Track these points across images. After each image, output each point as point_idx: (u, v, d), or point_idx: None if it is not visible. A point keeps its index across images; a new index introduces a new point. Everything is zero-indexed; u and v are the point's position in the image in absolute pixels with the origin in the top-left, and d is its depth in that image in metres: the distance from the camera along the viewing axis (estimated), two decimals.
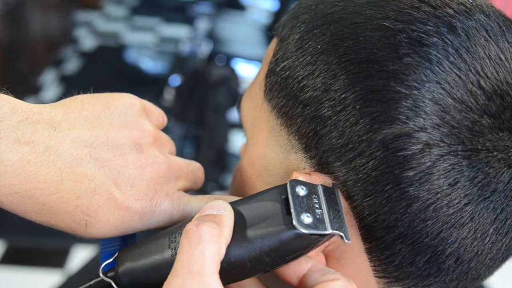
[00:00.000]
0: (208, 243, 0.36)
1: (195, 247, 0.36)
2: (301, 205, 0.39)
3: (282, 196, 0.40)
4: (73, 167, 0.42)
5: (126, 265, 0.43)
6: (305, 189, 0.40)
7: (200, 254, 0.35)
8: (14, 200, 0.41)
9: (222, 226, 0.38)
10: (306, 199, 0.39)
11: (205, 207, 0.40)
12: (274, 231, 0.38)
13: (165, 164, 0.46)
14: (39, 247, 2.38)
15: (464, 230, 0.40)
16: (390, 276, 0.43)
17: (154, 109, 0.50)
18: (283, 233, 0.38)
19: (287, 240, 0.38)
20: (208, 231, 0.37)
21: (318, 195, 0.40)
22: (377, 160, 0.39)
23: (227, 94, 2.59)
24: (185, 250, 0.36)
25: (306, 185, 0.40)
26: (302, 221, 0.38)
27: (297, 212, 0.38)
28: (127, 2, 5.47)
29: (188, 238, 0.36)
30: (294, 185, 0.40)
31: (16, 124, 0.41)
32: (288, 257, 0.39)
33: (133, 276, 0.42)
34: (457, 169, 0.39)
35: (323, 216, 0.39)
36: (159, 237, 0.43)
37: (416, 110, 0.39)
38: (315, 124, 0.42)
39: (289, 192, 0.39)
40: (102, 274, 0.44)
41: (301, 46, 0.45)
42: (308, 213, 0.38)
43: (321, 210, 0.39)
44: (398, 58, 0.40)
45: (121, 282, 0.43)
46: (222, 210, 0.39)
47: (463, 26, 0.40)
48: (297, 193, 0.39)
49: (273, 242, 0.38)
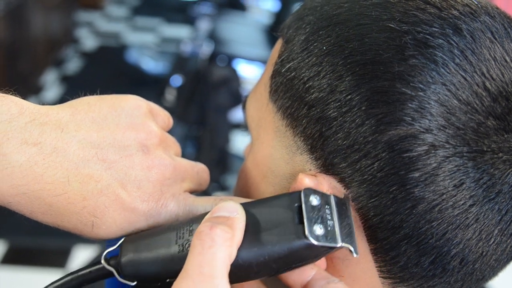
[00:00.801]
0: (221, 246, 0.36)
1: (207, 250, 0.36)
2: (313, 216, 0.39)
3: (295, 204, 0.40)
4: (80, 168, 0.42)
5: (130, 256, 0.42)
6: (318, 198, 0.40)
7: (212, 257, 0.35)
8: (21, 201, 0.41)
9: (234, 229, 0.38)
10: (319, 209, 0.39)
11: (217, 208, 0.40)
12: (285, 239, 0.38)
13: (171, 165, 0.46)
14: (40, 247, 2.38)
15: (469, 231, 0.40)
16: (395, 277, 0.43)
17: (160, 111, 0.50)
18: (294, 242, 0.38)
19: (296, 250, 0.38)
20: (221, 234, 0.37)
21: (331, 206, 0.40)
22: (382, 161, 0.40)
23: (228, 94, 2.60)
24: (197, 252, 0.36)
25: (319, 194, 0.40)
26: (314, 232, 0.38)
27: (310, 223, 0.38)
28: (129, 2, 5.47)
29: (201, 240, 0.36)
30: (308, 194, 0.40)
31: (24, 125, 0.41)
32: (295, 264, 0.40)
33: (136, 267, 0.42)
34: (463, 170, 0.39)
35: (334, 228, 0.39)
36: (166, 230, 0.43)
37: (422, 111, 0.39)
38: (320, 125, 0.42)
39: (303, 201, 0.39)
40: (104, 261, 0.43)
41: (307, 47, 0.45)
42: (320, 225, 0.38)
43: (332, 221, 0.39)
44: (404, 59, 0.40)
45: (123, 271, 0.42)
46: (234, 212, 0.39)
47: (468, 28, 0.41)
48: (310, 202, 0.39)
49: (282, 250, 0.38)
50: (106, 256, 0.44)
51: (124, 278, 0.43)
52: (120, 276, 0.43)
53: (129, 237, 0.44)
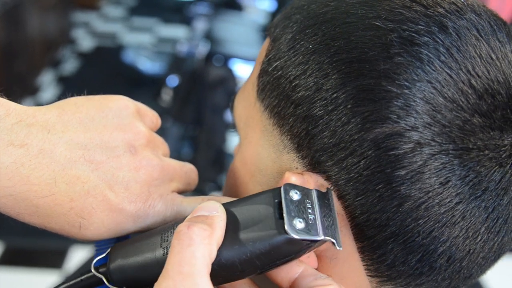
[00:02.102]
0: (199, 244, 0.36)
1: (185, 249, 0.36)
2: (294, 210, 0.38)
3: (275, 199, 0.40)
4: (66, 169, 0.42)
5: (118, 262, 0.42)
6: (299, 193, 0.40)
7: (190, 256, 0.35)
8: (8, 203, 0.41)
9: (213, 228, 0.38)
10: (300, 204, 0.39)
11: (197, 208, 0.40)
12: (265, 235, 0.38)
13: (159, 166, 0.46)
14: (37, 248, 2.38)
15: (455, 229, 0.40)
16: (382, 275, 0.43)
17: (148, 111, 0.50)
18: (275, 237, 0.38)
19: (278, 245, 0.38)
20: (199, 232, 0.36)
21: (312, 200, 0.40)
22: (368, 159, 0.39)
23: (224, 94, 2.60)
24: (176, 251, 0.36)
25: (300, 189, 0.40)
26: (294, 226, 0.38)
27: (290, 217, 0.38)
28: (125, 3, 5.46)
29: (179, 240, 0.36)
30: (288, 189, 0.39)
31: (10, 126, 0.41)
32: (279, 261, 0.39)
33: (124, 273, 0.42)
34: (448, 168, 0.39)
35: (316, 221, 0.39)
36: (152, 235, 0.43)
37: (407, 109, 0.39)
38: (307, 123, 0.42)
39: (282, 196, 0.39)
40: (94, 269, 0.44)
41: (293, 46, 0.45)
42: (300, 218, 0.38)
43: (314, 215, 0.39)
44: (389, 57, 0.40)
45: (112, 278, 0.43)
46: (214, 211, 0.39)
47: (454, 26, 0.41)
48: (290, 197, 0.39)
49: (264, 246, 0.38)
50: (95, 264, 0.44)
51: (113, 285, 0.43)
52: (110, 283, 0.43)
53: (118, 244, 0.44)
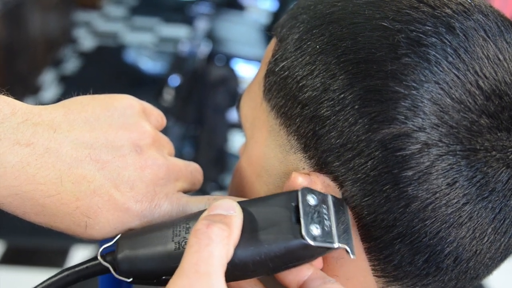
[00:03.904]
0: (218, 244, 0.36)
1: (204, 248, 0.35)
2: (310, 215, 0.38)
3: (292, 203, 0.39)
4: (72, 168, 0.42)
5: (126, 252, 0.42)
6: (315, 198, 0.40)
7: (208, 256, 0.35)
8: (14, 202, 0.41)
9: (231, 228, 0.37)
10: (316, 209, 0.39)
11: (214, 206, 0.39)
12: (281, 238, 0.38)
13: (165, 165, 0.46)
14: (39, 247, 2.38)
15: (462, 229, 0.40)
16: (389, 276, 0.43)
17: (153, 111, 0.50)
18: (291, 242, 0.38)
19: (293, 249, 0.38)
20: (218, 232, 0.36)
21: (328, 206, 0.40)
22: (375, 160, 0.39)
23: (226, 94, 2.60)
24: (193, 250, 0.35)
25: (316, 194, 0.40)
26: (310, 232, 0.38)
27: (307, 223, 0.38)
28: (127, 2, 5.46)
29: (197, 238, 0.36)
30: (305, 193, 0.39)
31: (16, 125, 0.41)
32: (291, 264, 0.39)
33: (132, 264, 0.42)
34: (456, 168, 0.39)
35: (331, 228, 0.39)
36: (162, 227, 0.43)
37: (415, 110, 0.39)
38: (314, 124, 0.42)
39: (300, 200, 0.39)
40: (100, 257, 0.43)
41: (300, 46, 0.45)
42: (317, 225, 0.38)
43: (329, 221, 0.39)
44: (397, 58, 0.40)
45: (119, 268, 0.42)
46: (231, 210, 0.39)
47: (461, 26, 0.41)
48: (307, 202, 0.39)
49: (279, 249, 0.38)
50: (102, 252, 0.43)
51: (120, 275, 0.42)
52: (116, 273, 0.43)
53: (126, 233, 0.44)
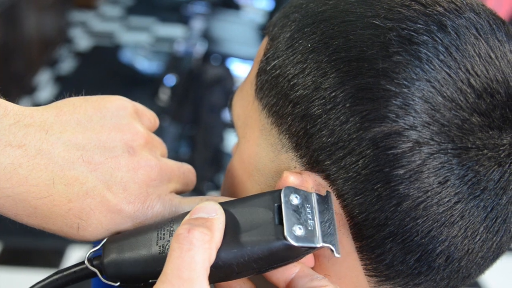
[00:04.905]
0: (199, 248, 0.36)
1: (185, 253, 0.35)
2: (293, 216, 0.38)
3: (275, 203, 0.39)
4: (65, 170, 0.42)
5: (112, 257, 0.42)
6: (299, 198, 0.39)
7: (190, 261, 0.35)
8: (6, 204, 0.41)
9: (213, 231, 0.37)
10: (299, 209, 0.39)
11: (195, 209, 0.39)
12: (264, 240, 0.38)
13: (157, 166, 0.46)
14: (35, 248, 2.38)
15: (454, 228, 0.40)
16: (381, 275, 0.43)
17: (145, 111, 0.50)
18: (274, 243, 0.38)
19: (276, 250, 0.38)
20: (199, 236, 0.36)
21: (312, 205, 0.40)
22: (367, 158, 0.39)
23: (222, 93, 2.60)
24: (175, 256, 0.35)
25: (300, 193, 0.40)
26: (293, 232, 0.38)
27: (289, 223, 0.38)
28: (122, 2, 5.46)
29: (179, 243, 0.36)
30: (288, 193, 0.39)
31: (8, 127, 0.40)
32: (276, 264, 0.39)
33: (119, 267, 0.42)
34: (447, 167, 0.39)
35: (315, 227, 0.39)
36: (147, 230, 0.43)
37: (406, 108, 0.39)
38: (305, 122, 0.42)
39: (282, 200, 0.39)
40: (87, 262, 0.43)
41: (292, 44, 0.45)
42: (300, 225, 0.38)
43: (313, 221, 0.39)
44: (388, 56, 0.39)
45: (106, 272, 0.42)
46: (213, 213, 0.39)
47: (453, 24, 0.40)
48: (290, 202, 0.39)
49: (262, 251, 0.38)
50: (90, 256, 0.44)
51: (107, 279, 0.43)
52: (103, 277, 0.43)
53: (112, 237, 0.44)
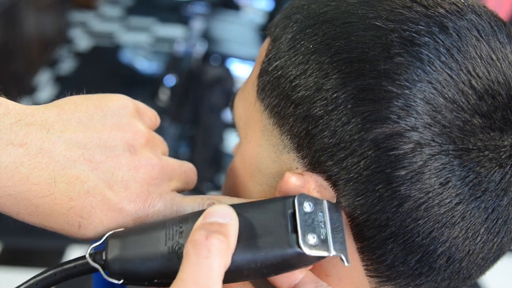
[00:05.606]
0: (217, 256, 0.36)
1: (203, 260, 0.35)
2: (307, 224, 0.39)
3: (289, 210, 0.40)
4: (66, 169, 0.42)
5: (117, 253, 0.42)
6: (311, 205, 0.40)
7: (208, 268, 0.35)
8: (7, 202, 0.41)
9: (229, 238, 0.37)
10: (312, 217, 0.39)
11: (209, 213, 0.39)
12: (278, 247, 0.38)
13: (159, 165, 0.46)
14: (35, 248, 2.37)
15: (455, 229, 0.40)
16: (382, 276, 0.43)
17: (146, 110, 0.50)
18: (288, 251, 0.38)
19: (289, 258, 0.38)
20: (217, 244, 0.36)
21: (323, 212, 0.40)
22: (368, 159, 0.39)
23: (222, 94, 2.60)
24: (192, 262, 0.35)
25: (312, 200, 0.40)
26: (307, 241, 0.38)
27: (303, 232, 0.38)
28: (122, 2, 5.46)
29: (196, 250, 0.36)
30: (302, 201, 0.40)
31: (9, 126, 0.41)
32: (285, 270, 0.40)
33: (123, 265, 0.41)
34: (448, 168, 0.39)
35: (327, 236, 0.39)
36: (154, 228, 0.42)
37: (408, 109, 0.39)
38: (307, 123, 0.42)
39: (296, 208, 0.39)
40: (89, 257, 0.43)
41: (294, 45, 0.45)
42: (313, 234, 0.39)
43: (325, 229, 0.40)
44: (390, 57, 0.40)
45: (109, 269, 0.42)
46: (227, 217, 0.38)
47: (454, 26, 0.41)
48: (303, 210, 0.39)
49: (275, 258, 0.38)
50: (91, 251, 0.43)
51: (110, 276, 0.42)
52: (106, 273, 0.42)
53: (115, 233, 0.43)
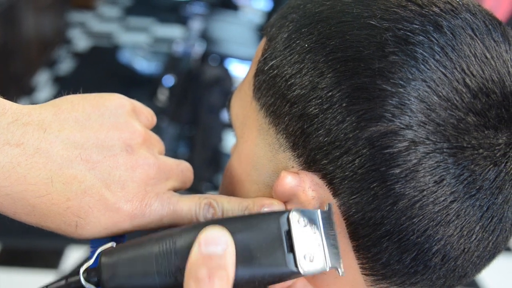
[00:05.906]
0: None
1: None
2: (303, 243, 0.39)
3: (284, 228, 0.40)
4: (63, 169, 0.42)
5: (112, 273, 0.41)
6: (306, 220, 0.40)
7: None
8: (5, 202, 0.41)
9: (229, 270, 0.37)
10: (307, 231, 0.40)
11: (205, 240, 0.38)
12: (276, 269, 0.39)
13: (156, 165, 0.46)
14: (34, 248, 2.37)
15: (450, 227, 0.40)
16: (377, 274, 0.43)
17: (143, 109, 0.50)
18: (285, 271, 0.39)
19: (286, 276, 0.40)
20: (219, 283, 0.36)
21: (317, 224, 0.41)
22: (363, 157, 0.40)
23: (220, 94, 2.60)
24: None
25: (306, 214, 0.40)
26: (304, 261, 0.39)
27: (300, 252, 0.39)
28: (121, 3, 5.46)
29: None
30: (296, 217, 0.40)
31: (6, 126, 0.41)
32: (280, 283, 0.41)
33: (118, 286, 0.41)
34: (443, 166, 0.39)
35: (324, 251, 0.40)
36: (147, 245, 0.42)
37: (402, 108, 0.39)
38: (302, 122, 0.42)
39: (292, 227, 0.40)
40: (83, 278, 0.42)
41: (289, 45, 0.45)
42: (310, 252, 0.39)
43: (321, 244, 0.40)
44: (384, 56, 0.40)
45: None
46: (224, 244, 0.38)
47: (449, 25, 0.41)
48: (298, 226, 0.40)
49: (273, 277, 0.40)
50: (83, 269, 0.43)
51: None
52: None
53: (108, 251, 0.43)
